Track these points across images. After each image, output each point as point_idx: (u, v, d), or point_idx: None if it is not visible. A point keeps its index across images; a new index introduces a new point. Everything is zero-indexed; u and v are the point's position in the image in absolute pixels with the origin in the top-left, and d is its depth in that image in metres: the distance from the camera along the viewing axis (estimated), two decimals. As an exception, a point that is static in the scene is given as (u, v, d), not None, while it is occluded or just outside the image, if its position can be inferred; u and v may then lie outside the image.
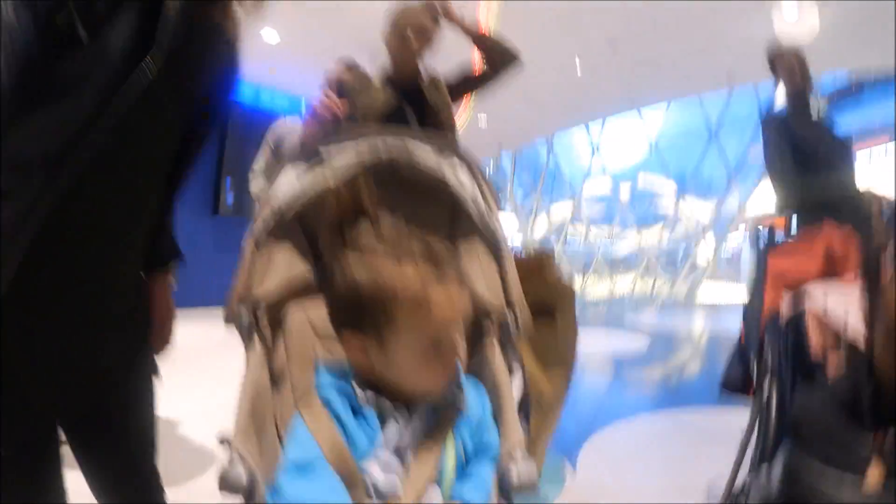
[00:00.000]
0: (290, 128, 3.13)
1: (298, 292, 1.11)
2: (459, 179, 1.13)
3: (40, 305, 0.92)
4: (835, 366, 1.30)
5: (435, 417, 0.91)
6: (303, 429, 0.86)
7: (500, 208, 1.18)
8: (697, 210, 17.55)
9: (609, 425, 3.63)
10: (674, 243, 18.49)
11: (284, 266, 1.09)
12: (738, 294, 10.48)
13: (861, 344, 1.15)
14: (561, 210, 18.13)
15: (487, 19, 6.23)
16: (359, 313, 0.88)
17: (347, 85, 2.23)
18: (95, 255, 0.97)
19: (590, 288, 16.70)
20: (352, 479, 0.82)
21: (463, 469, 0.92)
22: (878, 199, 1.98)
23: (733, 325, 1.89)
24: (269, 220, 1.08)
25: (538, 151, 17.13)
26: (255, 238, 1.08)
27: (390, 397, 0.90)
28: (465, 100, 2.51)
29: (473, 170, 1.17)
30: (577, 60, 8.53)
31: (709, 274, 16.27)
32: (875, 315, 1.07)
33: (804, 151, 2.18)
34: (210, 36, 1.03)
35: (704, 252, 16.86)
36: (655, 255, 17.75)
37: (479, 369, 1.08)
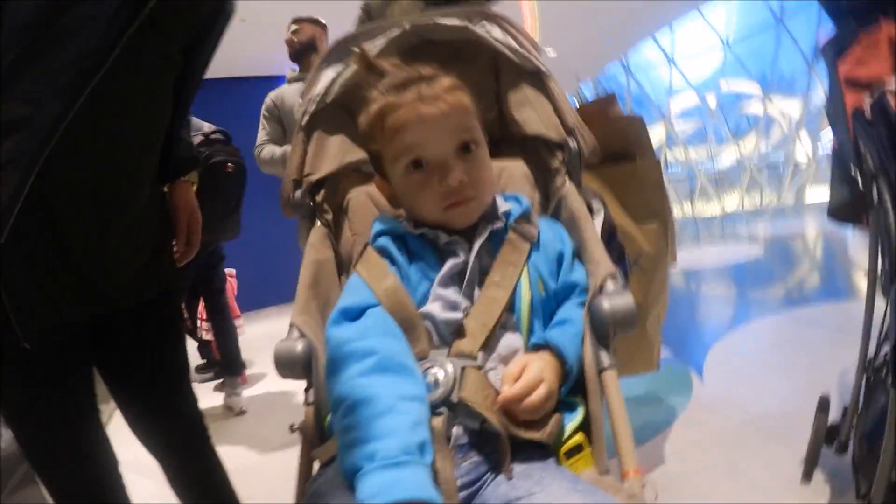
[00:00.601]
0: (285, 91, 3.08)
1: (356, 176, 1.09)
2: (491, 34, 1.08)
3: (58, 214, 0.97)
4: None
5: (497, 248, 0.84)
6: (357, 279, 0.81)
7: (539, 50, 1.09)
8: (787, 109, 16.41)
9: (732, 333, 3.44)
10: (772, 148, 17.35)
11: (339, 152, 1.07)
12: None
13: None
14: (655, 134, 17.37)
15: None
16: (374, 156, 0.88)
17: (371, 6, 2.17)
18: (111, 167, 1.03)
19: (699, 209, 16.00)
20: (410, 321, 0.76)
21: (545, 311, 0.84)
22: None
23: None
24: (311, 108, 1.07)
25: (617, 76, 16.40)
26: (301, 127, 1.07)
27: (446, 230, 0.84)
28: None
29: (504, 25, 1.10)
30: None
31: (812, 174, 15.19)
32: None
33: None
34: None
35: (803, 152, 15.76)
36: (757, 165, 16.70)
37: (556, 209, 1.01)
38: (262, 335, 4.81)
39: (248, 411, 3.23)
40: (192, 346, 3.41)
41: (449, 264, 0.81)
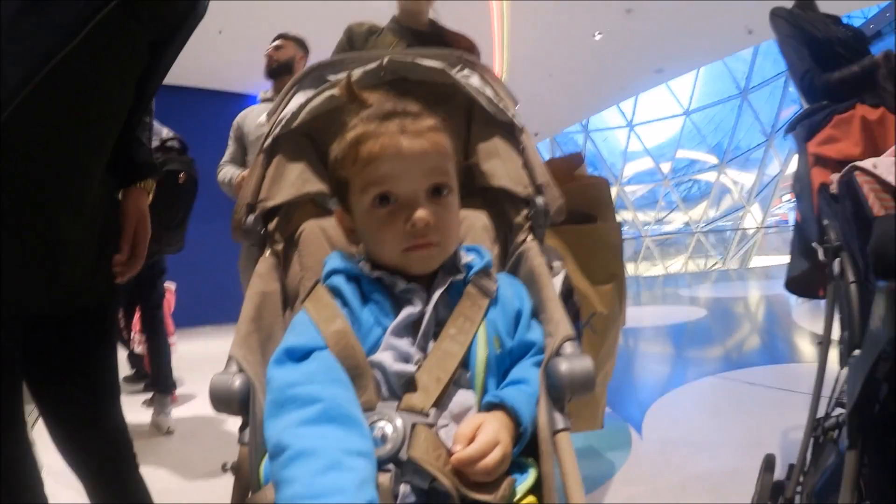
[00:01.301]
0: (250, 112, 3.02)
1: (312, 208, 1.06)
2: (468, 81, 1.08)
3: (5, 197, 0.92)
4: None
5: (455, 301, 0.81)
6: (305, 317, 0.77)
7: (515, 103, 1.10)
8: (740, 181, 17.20)
9: (673, 391, 3.50)
10: (721, 216, 18.07)
11: (298, 180, 1.03)
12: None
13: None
14: (605, 196, 17.85)
15: (500, 15, 6.10)
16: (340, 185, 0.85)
17: (355, 33, 2.18)
18: (65, 152, 0.99)
19: (642, 269, 16.44)
20: (359, 368, 0.71)
21: (500, 369, 0.81)
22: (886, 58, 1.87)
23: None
24: (274, 129, 1.04)
25: (574, 137, 16.92)
26: (262, 149, 1.04)
27: (404, 276, 0.81)
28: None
29: (484, 74, 1.10)
30: (597, 35, 8.44)
31: (759, 241, 15.91)
32: None
33: (818, 44, 2.06)
34: None
35: (751, 222, 16.50)
36: (703, 231, 17.33)
37: (515, 266, 0.99)
38: (196, 354, 4.65)
39: (175, 432, 3.11)
40: (121, 354, 3.26)
41: (404, 313, 0.78)
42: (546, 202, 1.01)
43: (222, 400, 0.74)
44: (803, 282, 1.70)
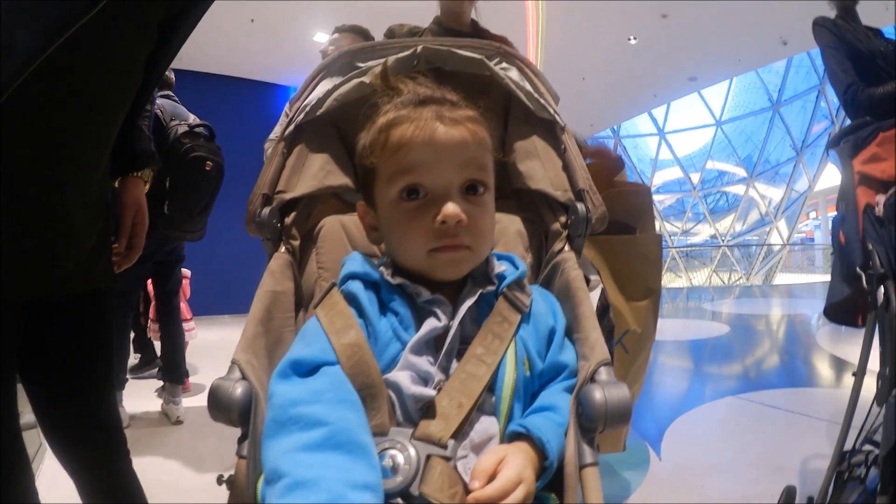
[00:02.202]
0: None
1: (335, 203, 0.99)
2: (507, 74, 1.00)
3: (13, 174, 0.88)
4: None
5: (483, 315, 0.73)
6: (316, 325, 0.69)
7: (556, 100, 1.02)
8: (768, 195, 16.94)
9: (692, 410, 3.38)
10: (747, 230, 17.81)
11: (320, 172, 0.95)
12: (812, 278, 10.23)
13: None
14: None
15: (535, 16, 5.99)
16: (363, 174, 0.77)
17: (395, 34, 2.12)
18: (74, 131, 0.95)
19: (667, 283, 16.27)
20: (372, 388, 0.63)
21: (527, 393, 0.73)
22: None
23: (810, 309, 1.80)
24: (297, 116, 0.96)
25: (605, 143, 16.78)
26: (283, 137, 0.96)
27: (428, 285, 0.73)
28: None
29: (523, 68, 1.02)
30: (632, 39, 8.31)
31: (784, 258, 15.67)
32: None
33: (861, 56, 1.96)
34: None
35: (777, 238, 16.26)
36: (729, 245, 17.08)
37: (549, 277, 0.90)
38: (211, 343, 4.62)
39: (185, 422, 3.05)
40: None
41: (427, 327, 0.70)
42: (587, 209, 0.92)
43: (222, 408, 0.67)
44: (844, 309, 1.59)
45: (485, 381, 0.67)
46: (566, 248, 0.91)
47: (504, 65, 1.01)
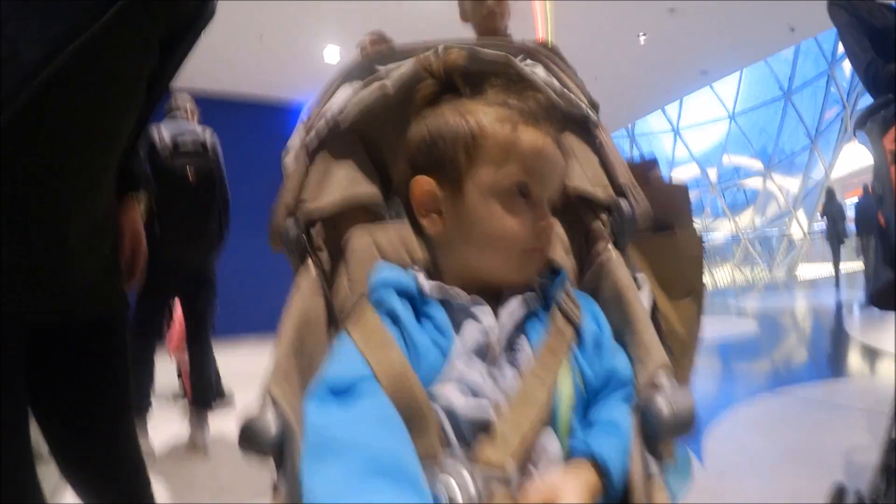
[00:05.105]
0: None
1: (361, 214, 0.93)
2: (533, 70, 0.95)
3: (18, 197, 0.86)
4: None
5: (532, 324, 0.69)
6: (348, 343, 0.65)
7: (588, 99, 0.96)
8: (785, 185, 16.75)
9: (729, 411, 3.30)
10: (767, 223, 17.59)
11: (346, 182, 0.91)
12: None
13: None
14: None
15: (544, 16, 5.93)
16: (433, 156, 0.73)
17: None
18: (77, 152, 0.94)
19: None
20: (417, 409, 0.59)
21: (584, 406, 0.67)
22: None
23: (836, 299, 1.73)
24: (322, 129, 0.92)
25: (620, 144, 16.70)
26: (306, 147, 0.91)
27: (470, 288, 0.69)
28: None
29: (549, 64, 0.96)
30: (641, 36, 8.23)
31: (806, 249, 15.44)
32: None
33: (877, 33, 1.90)
34: None
35: (798, 229, 16.04)
36: (750, 240, 16.88)
37: (594, 283, 0.85)
38: (237, 366, 4.56)
39: (212, 448, 2.98)
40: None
41: (472, 334, 0.66)
42: (631, 206, 0.87)
43: (255, 443, 0.62)
44: (889, 294, 1.52)
45: (543, 399, 0.62)
46: (610, 249, 0.85)
47: (529, 62, 0.95)
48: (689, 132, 16.96)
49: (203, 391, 3.09)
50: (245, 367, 2.90)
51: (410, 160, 0.76)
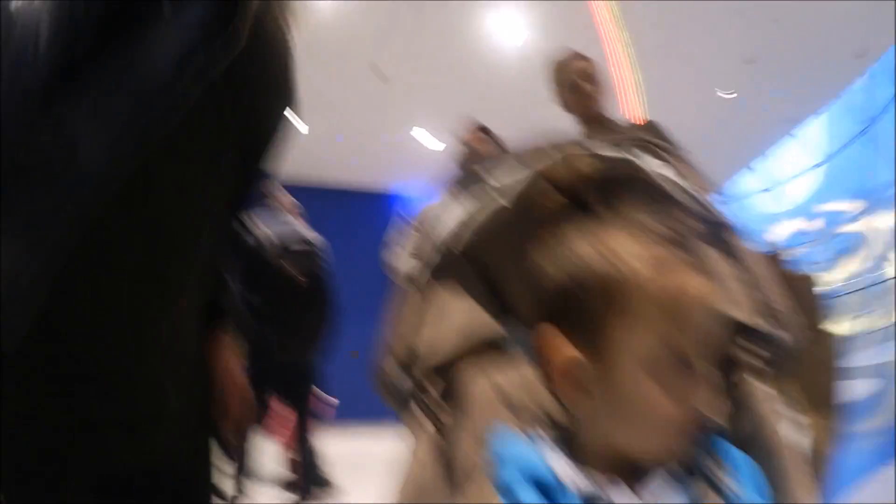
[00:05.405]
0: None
1: (478, 350, 0.82)
2: (645, 161, 0.81)
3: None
4: None
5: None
6: None
7: (711, 190, 0.85)
8: (881, 225, 15.54)
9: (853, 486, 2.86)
10: (875, 264, 16.29)
11: (461, 316, 0.81)
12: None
13: None
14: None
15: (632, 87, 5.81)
16: (572, 310, 0.60)
17: None
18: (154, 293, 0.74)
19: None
20: None
21: None
22: None
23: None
24: (432, 256, 0.83)
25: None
26: (415, 281, 0.84)
27: (601, 466, 0.60)
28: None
29: (660, 153, 0.83)
30: (722, 93, 8.02)
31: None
32: None
33: None
34: (275, 46, 0.82)
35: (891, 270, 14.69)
36: (863, 286, 15.65)
37: (733, 423, 0.73)
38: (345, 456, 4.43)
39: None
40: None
41: None
42: (789, 336, 0.74)
43: None
44: None
45: None
46: (757, 385, 0.73)
47: (638, 153, 0.81)
48: (780, 187, 16.25)
49: (307, 478, 3.06)
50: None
51: (538, 299, 0.65)
